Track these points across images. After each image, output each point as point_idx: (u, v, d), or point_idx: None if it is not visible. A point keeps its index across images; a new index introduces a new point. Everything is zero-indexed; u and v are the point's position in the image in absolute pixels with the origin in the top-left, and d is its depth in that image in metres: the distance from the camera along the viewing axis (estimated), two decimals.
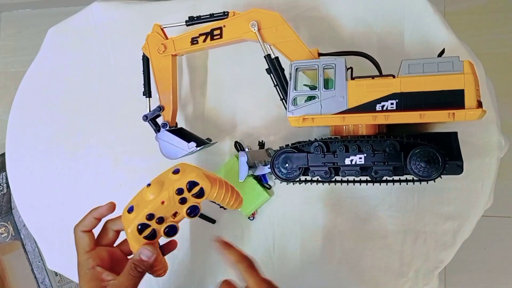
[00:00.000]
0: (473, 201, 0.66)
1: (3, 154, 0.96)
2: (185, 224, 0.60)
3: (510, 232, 1.34)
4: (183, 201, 0.54)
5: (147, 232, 0.54)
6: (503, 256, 1.34)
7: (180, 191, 0.54)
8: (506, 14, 1.34)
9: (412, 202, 0.67)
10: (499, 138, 0.65)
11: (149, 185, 0.55)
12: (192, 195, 0.54)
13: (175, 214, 0.55)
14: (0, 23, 1.83)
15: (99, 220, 0.58)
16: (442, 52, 0.59)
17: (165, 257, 0.59)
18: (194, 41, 0.67)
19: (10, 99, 0.91)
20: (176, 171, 0.55)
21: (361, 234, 0.69)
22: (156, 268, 0.57)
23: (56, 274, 1.29)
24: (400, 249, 0.68)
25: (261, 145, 0.73)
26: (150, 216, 0.54)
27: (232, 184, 0.58)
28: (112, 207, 0.58)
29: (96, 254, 0.56)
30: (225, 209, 0.75)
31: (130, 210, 0.55)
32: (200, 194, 0.55)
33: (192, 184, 0.54)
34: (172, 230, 0.55)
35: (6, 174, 0.92)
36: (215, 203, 0.57)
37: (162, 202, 0.54)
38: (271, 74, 0.63)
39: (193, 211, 0.55)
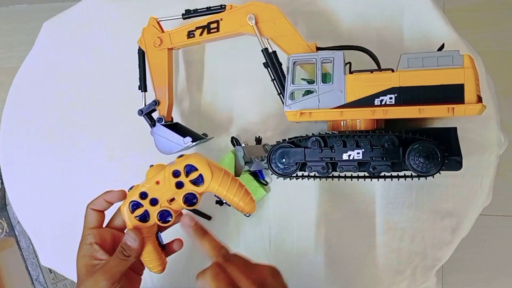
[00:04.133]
0: (472, 198, 0.65)
1: None
2: None
3: (508, 231, 1.34)
4: (179, 185, 0.53)
5: (139, 212, 0.53)
6: (501, 255, 1.33)
7: (176, 174, 0.53)
8: (505, 11, 1.34)
9: (410, 199, 0.67)
10: (499, 135, 0.64)
11: (151, 166, 0.55)
12: (190, 181, 0.53)
13: (172, 201, 0.54)
14: None
15: (110, 204, 0.58)
16: (442, 47, 0.58)
17: None
18: (190, 34, 0.66)
19: (5, 95, 0.90)
20: (180, 156, 0.54)
21: (358, 231, 0.68)
22: (147, 260, 0.55)
23: (50, 271, 1.28)
24: (397, 247, 0.67)
25: (258, 140, 0.72)
26: (143, 195, 0.53)
27: (245, 185, 0.55)
28: (122, 194, 0.57)
29: (98, 233, 0.56)
30: (229, 205, 0.74)
31: (130, 188, 0.55)
32: (199, 181, 0.53)
33: (190, 168, 0.53)
34: (165, 216, 0.54)
35: (0, 170, 0.91)
36: (221, 200, 0.55)
37: (157, 182, 0.53)
38: (269, 68, 0.63)
39: (189, 200, 0.53)
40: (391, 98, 0.54)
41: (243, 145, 0.70)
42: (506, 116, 0.87)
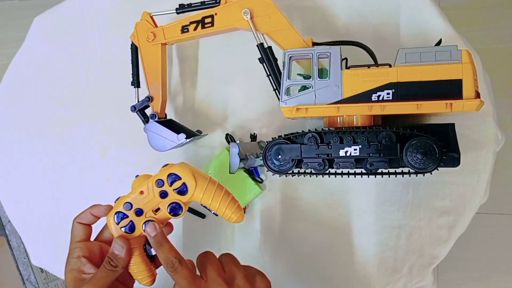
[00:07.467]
0: (469, 196, 0.64)
1: None
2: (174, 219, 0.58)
3: (503, 229, 1.34)
4: (163, 195, 0.53)
5: (124, 222, 0.53)
6: (496, 253, 1.33)
7: (160, 183, 0.52)
8: (501, 9, 1.34)
9: (407, 197, 0.66)
10: (496, 131, 0.64)
11: (137, 176, 0.54)
12: (174, 190, 0.52)
13: (157, 211, 0.53)
14: None
15: (96, 218, 0.57)
16: (439, 42, 0.58)
17: None
18: (184, 29, 0.65)
19: None
20: (165, 165, 0.54)
21: (354, 229, 0.68)
22: (136, 271, 0.54)
23: (42, 271, 1.26)
24: (394, 245, 0.66)
25: (253, 137, 0.71)
26: (128, 206, 0.53)
27: (231, 193, 0.55)
28: (109, 209, 0.56)
29: (86, 246, 0.55)
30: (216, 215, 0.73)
31: (117, 199, 0.55)
32: (183, 190, 0.53)
33: (174, 178, 0.52)
34: None
35: None
36: (208, 209, 0.55)
37: (141, 192, 0.53)
38: (264, 64, 0.62)
39: (174, 209, 0.53)
40: (388, 93, 0.54)
41: (238, 142, 0.69)
42: (503, 113, 0.87)
